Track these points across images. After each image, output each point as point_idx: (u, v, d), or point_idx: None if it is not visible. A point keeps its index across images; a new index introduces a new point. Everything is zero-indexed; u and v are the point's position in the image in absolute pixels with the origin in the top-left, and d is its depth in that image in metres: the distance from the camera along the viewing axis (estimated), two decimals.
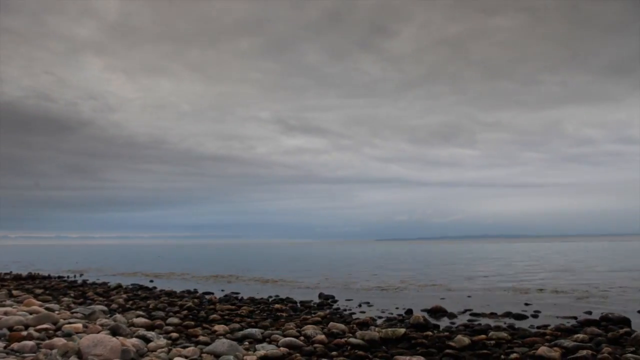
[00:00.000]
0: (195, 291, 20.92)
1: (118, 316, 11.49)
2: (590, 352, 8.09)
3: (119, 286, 22.34)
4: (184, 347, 8.39)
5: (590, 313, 13.24)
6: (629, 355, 7.84)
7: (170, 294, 19.32)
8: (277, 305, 15.13)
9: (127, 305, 15.33)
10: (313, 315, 13.38)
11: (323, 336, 9.78)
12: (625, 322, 11.45)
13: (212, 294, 19.60)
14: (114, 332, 9.18)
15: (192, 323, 11.56)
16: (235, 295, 19.20)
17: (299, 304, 16.31)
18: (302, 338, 9.74)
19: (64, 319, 10.16)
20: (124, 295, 17.90)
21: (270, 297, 18.45)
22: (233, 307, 14.87)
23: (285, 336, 9.75)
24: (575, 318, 12.52)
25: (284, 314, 13.72)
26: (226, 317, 12.99)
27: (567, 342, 8.81)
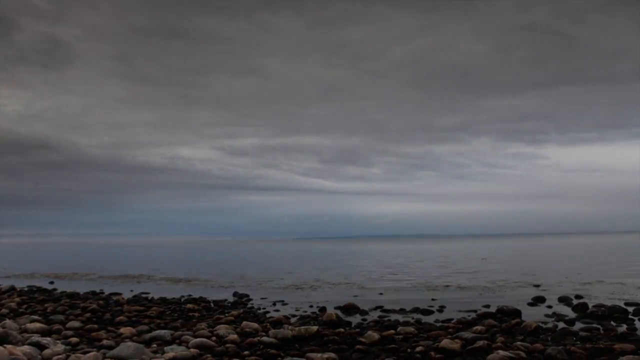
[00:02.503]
0: (101, 292, 19.73)
1: (8, 322, 10.48)
2: (486, 342, 8.74)
3: (12, 289, 20.42)
4: (85, 353, 7.86)
5: (488, 307, 14.25)
6: (518, 343, 8.61)
7: (72, 295, 18.04)
8: (189, 305, 14.70)
9: (21, 310, 14.04)
10: (226, 314, 13.17)
11: (236, 336, 9.65)
12: (517, 313, 12.54)
13: (120, 294, 18.57)
14: (2, 339, 8.37)
15: (96, 326, 10.89)
16: (145, 296, 18.36)
17: (212, 304, 15.95)
18: (214, 338, 9.53)
19: None
20: (17, 299, 16.39)
21: (183, 296, 17.87)
22: (142, 308, 14.21)
23: (196, 337, 9.49)
24: (475, 312, 13.43)
25: (196, 314, 13.36)
26: (134, 318, 12.38)
27: (467, 334, 9.46)
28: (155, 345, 8.92)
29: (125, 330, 10.16)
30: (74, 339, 9.19)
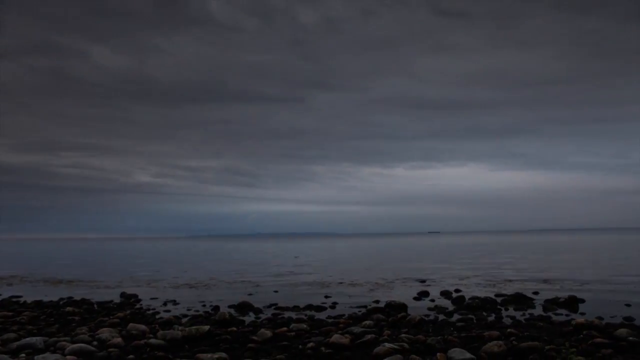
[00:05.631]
0: None
1: None
2: (373, 335, 9.15)
3: None
4: None
5: (377, 302, 14.94)
6: (403, 335, 9.14)
7: None
8: (69, 309, 13.55)
9: None
10: (111, 317, 12.35)
11: (120, 339, 9.09)
12: (403, 307, 13.32)
13: None
14: None
15: None
16: (15, 300, 16.59)
17: (95, 306, 14.89)
18: (95, 343, 8.89)
19: None
20: None
21: (62, 299, 16.45)
22: (11, 313, 12.81)
23: (74, 342, 8.77)
24: (365, 307, 13.99)
25: (77, 318, 12.35)
26: None
27: (356, 329, 9.81)
28: (24, 355, 8.07)
29: None
30: None
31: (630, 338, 8.48)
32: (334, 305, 14.79)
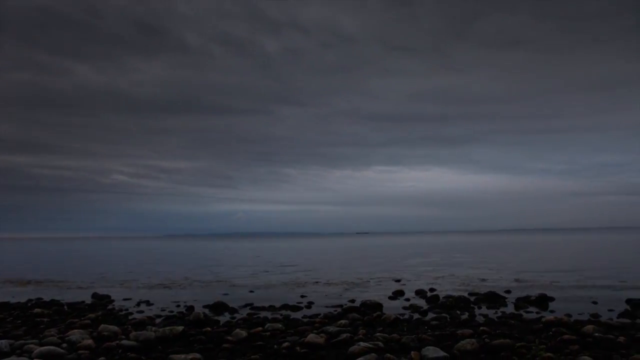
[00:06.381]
0: None
1: None
2: (349, 335, 9.19)
3: None
4: None
5: (353, 301, 15.00)
6: (378, 334, 9.20)
7: None
8: (37, 310, 13.20)
9: None
10: (82, 318, 12.08)
11: (91, 341, 8.89)
12: (379, 307, 13.41)
13: None
14: None
15: None
16: None
17: (66, 307, 14.54)
18: (64, 345, 8.68)
19: None
20: None
21: (31, 300, 16.00)
22: None
23: (42, 345, 8.55)
24: (341, 306, 14.03)
25: (45, 320, 12.04)
26: None
27: (332, 328, 9.84)
28: None
29: None
30: None
31: (596, 334, 8.74)
32: (309, 304, 14.78)
